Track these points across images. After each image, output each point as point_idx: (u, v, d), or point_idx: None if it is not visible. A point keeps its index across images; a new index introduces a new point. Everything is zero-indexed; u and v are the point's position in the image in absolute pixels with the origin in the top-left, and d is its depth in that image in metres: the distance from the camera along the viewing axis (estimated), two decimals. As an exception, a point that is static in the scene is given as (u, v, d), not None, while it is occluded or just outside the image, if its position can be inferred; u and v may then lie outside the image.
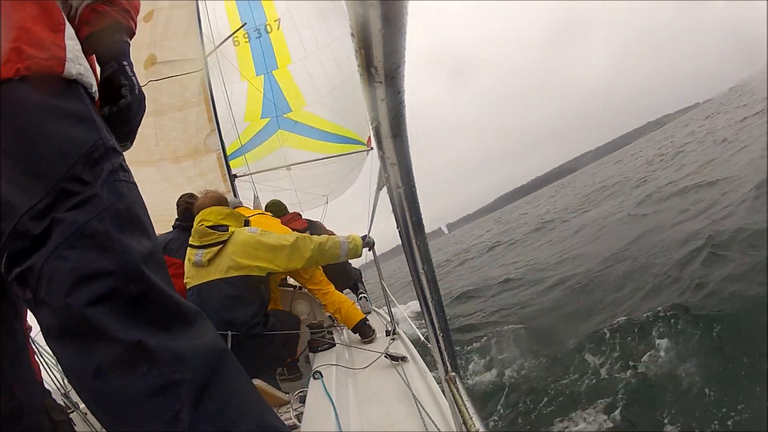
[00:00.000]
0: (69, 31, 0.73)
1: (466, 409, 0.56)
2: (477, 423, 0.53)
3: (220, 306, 1.86)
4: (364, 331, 2.31)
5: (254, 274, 1.94)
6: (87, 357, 0.59)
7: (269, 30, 5.53)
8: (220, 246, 1.94)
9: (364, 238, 2.22)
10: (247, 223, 2.14)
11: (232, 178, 4.22)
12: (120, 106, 0.83)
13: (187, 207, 2.52)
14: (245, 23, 5.35)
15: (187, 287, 1.99)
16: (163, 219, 2.81)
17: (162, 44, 3.89)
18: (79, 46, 0.74)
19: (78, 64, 0.71)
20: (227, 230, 1.97)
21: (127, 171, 0.74)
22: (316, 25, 5.43)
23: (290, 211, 3.47)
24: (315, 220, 3.60)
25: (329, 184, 5.60)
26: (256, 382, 1.82)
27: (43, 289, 0.60)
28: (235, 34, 5.19)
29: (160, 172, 3.88)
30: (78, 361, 0.60)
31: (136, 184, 0.75)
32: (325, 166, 5.45)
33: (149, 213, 0.76)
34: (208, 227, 1.96)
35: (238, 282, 1.90)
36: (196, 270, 1.96)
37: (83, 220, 0.62)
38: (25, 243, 0.61)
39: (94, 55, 0.85)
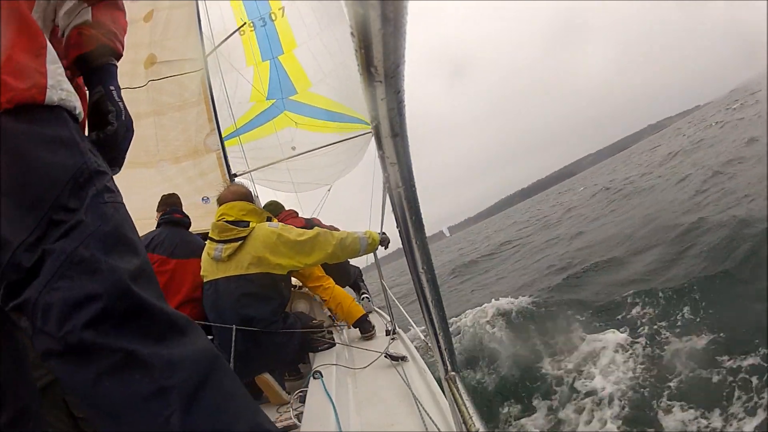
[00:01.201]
0: (51, 54, 0.73)
1: (466, 408, 0.56)
2: (477, 423, 0.53)
3: (236, 302, 1.86)
4: (364, 326, 2.32)
5: (275, 272, 1.92)
6: (85, 369, 0.62)
7: (274, 18, 5.55)
8: (240, 242, 1.92)
9: (380, 234, 2.22)
10: (269, 220, 2.13)
11: (232, 177, 4.22)
12: (107, 132, 0.84)
13: (170, 202, 2.50)
14: (245, 23, 5.36)
15: (205, 281, 1.99)
16: (162, 219, 2.81)
17: (162, 44, 3.89)
18: (61, 69, 0.74)
19: (59, 90, 0.72)
20: (248, 226, 1.95)
21: (112, 191, 0.75)
22: (318, 8, 5.45)
23: (287, 209, 3.47)
24: (311, 217, 3.61)
25: (331, 167, 5.58)
26: (264, 376, 1.84)
27: (40, 320, 0.62)
28: (240, 27, 5.24)
29: (159, 173, 3.87)
30: (77, 374, 0.63)
31: (122, 203, 0.77)
32: (327, 150, 5.42)
33: (148, 215, 0.78)
34: (229, 222, 1.95)
35: (258, 279, 1.89)
36: (215, 265, 1.95)
37: (71, 248, 0.64)
38: (19, 275, 0.63)
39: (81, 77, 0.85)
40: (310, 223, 3.34)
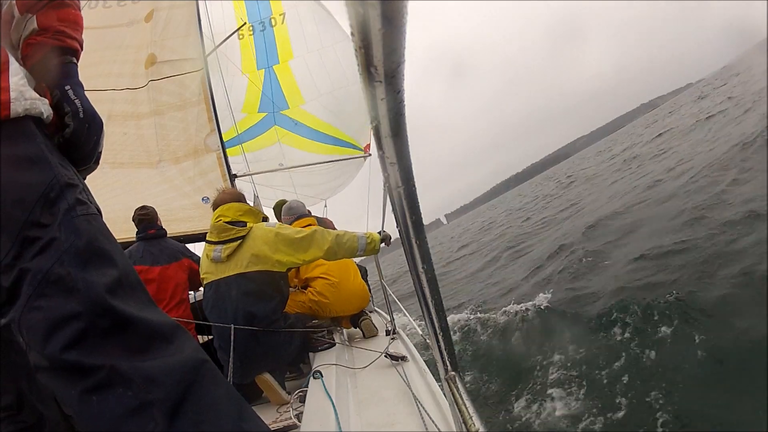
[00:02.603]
0: (13, 66, 0.74)
1: (466, 408, 0.56)
2: (477, 423, 0.53)
3: (238, 301, 1.88)
4: (359, 318, 2.36)
5: (274, 270, 1.95)
6: (71, 386, 0.63)
7: (273, 24, 5.52)
8: (239, 241, 1.94)
9: (380, 233, 2.24)
10: (265, 220, 2.16)
11: (232, 178, 4.22)
12: (65, 135, 0.83)
13: (141, 219, 2.61)
14: (244, 23, 5.35)
15: (205, 282, 2.01)
16: (162, 220, 2.82)
17: (162, 44, 3.89)
18: (24, 80, 0.76)
19: (23, 100, 0.72)
20: (245, 226, 1.99)
21: (84, 203, 0.75)
22: (321, 23, 5.42)
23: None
24: (324, 217, 3.63)
25: (324, 183, 5.59)
26: (265, 376, 1.84)
27: (25, 338, 0.65)
28: (240, 27, 5.22)
29: (159, 173, 3.88)
30: (65, 390, 0.64)
31: (96, 213, 0.77)
32: (320, 168, 5.44)
33: None
34: (227, 223, 1.97)
35: (258, 277, 1.92)
36: (215, 266, 1.97)
37: (47, 266, 0.66)
38: (1, 297, 0.65)
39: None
40: (321, 222, 3.38)
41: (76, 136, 0.84)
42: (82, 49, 0.91)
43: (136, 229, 2.62)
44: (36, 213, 0.67)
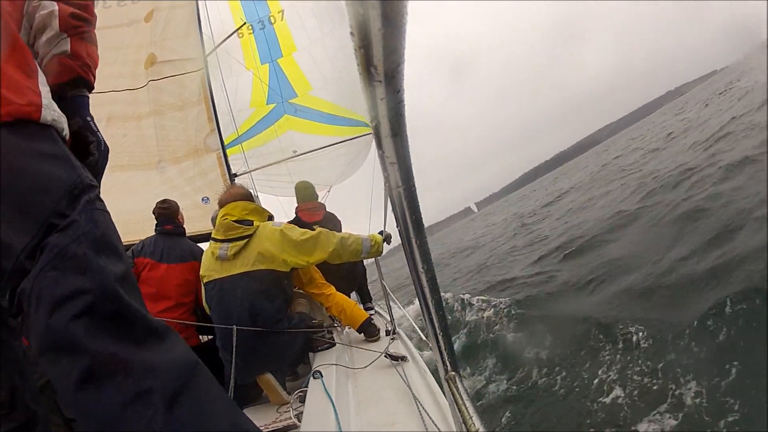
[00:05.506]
0: (41, 77, 0.78)
1: (466, 408, 0.56)
2: (477, 423, 0.53)
3: (243, 299, 1.89)
4: (369, 330, 2.32)
5: (279, 269, 1.96)
6: (69, 370, 0.63)
7: (273, 21, 5.55)
8: (245, 240, 1.96)
9: (381, 233, 2.24)
10: (270, 218, 2.17)
11: (232, 177, 4.22)
12: (89, 163, 0.89)
13: (161, 213, 2.59)
14: (244, 23, 5.36)
15: (209, 281, 2.01)
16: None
17: (162, 44, 3.90)
18: (50, 93, 0.79)
19: (52, 110, 0.76)
20: (252, 225, 2.00)
21: (102, 201, 0.80)
22: (320, 14, 5.44)
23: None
24: (332, 213, 3.60)
25: (333, 169, 5.58)
26: (266, 376, 1.85)
27: (32, 308, 0.65)
28: (240, 27, 5.24)
29: (159, 174, 3.88)
30: (62, 375, 0.64)
31: (109, 213, 0.81)
32: (329, 152, 5.42)
33: (149, 215, 0.81)
34: (233, 221, 1.98)
35: (263, 276, 1.93)
36: (219, 264, 1.98)
37: (63, 243, 0.68)
38: (22, 279, 0.67)
39: None
40: (331, 220, 3.36)
41: (98, 166, 0.91)
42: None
43: (157, 222, 2.59)
44: (61, 205, 0.70)
